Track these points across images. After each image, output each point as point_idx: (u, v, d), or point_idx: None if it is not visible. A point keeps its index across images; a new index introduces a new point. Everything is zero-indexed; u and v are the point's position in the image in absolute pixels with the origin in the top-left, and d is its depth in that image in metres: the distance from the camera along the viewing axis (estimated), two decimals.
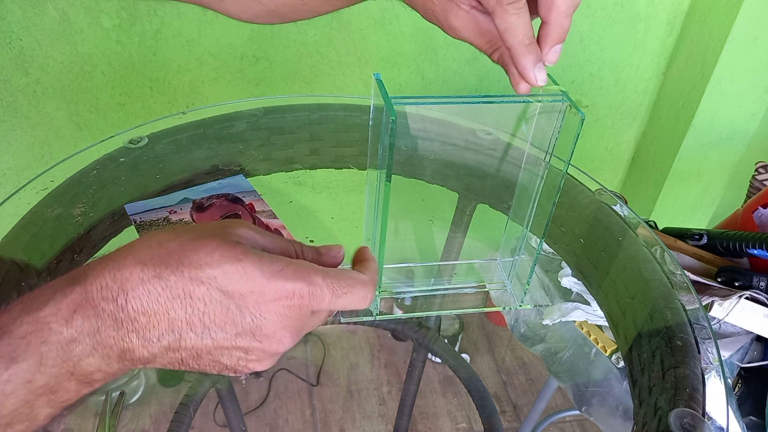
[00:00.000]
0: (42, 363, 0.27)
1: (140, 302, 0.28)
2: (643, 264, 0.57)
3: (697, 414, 0.42)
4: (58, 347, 0.27)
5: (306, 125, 0.74)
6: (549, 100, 0.44)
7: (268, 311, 0.30)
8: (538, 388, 1.49)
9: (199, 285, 0.29)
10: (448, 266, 0.67)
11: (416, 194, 0.69)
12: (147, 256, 0.29)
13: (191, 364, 0.31)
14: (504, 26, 0.37)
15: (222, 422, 1.33)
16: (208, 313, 0.29)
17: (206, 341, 0.30)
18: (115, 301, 0.28)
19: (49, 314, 0.28)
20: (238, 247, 0.31)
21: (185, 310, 0.29)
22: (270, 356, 0.32)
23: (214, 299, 0.29)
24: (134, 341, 0.29)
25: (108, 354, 0.29)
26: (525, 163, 0.53)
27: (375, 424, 1.38)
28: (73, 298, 0.28)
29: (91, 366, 0.28)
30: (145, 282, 0.29)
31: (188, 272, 0.29)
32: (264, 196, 0.64)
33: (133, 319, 0.28)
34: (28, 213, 0.56)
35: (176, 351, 0.30)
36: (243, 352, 0.31)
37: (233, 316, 0.30)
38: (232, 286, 0.30)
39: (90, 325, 0.28)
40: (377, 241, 0.48)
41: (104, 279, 0.29)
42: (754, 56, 1.10)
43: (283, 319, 0.31)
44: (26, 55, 0.93)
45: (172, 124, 0.70)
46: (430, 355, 1.42)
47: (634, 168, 1.41)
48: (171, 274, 0.29)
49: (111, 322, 0.28)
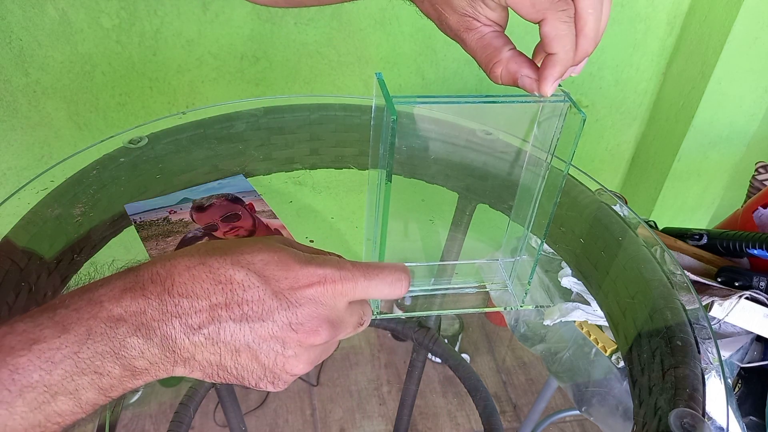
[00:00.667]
0: (89, 337, 0.28)
1: (185, 287, 0.30)
2: (643, 264, 0.57)
3: (697, 414, 0.42)
4: (105, 323, 0.29)
5: (306, 125, 0.74)
6: (550, 101, 0.44)
7: (302, 296, 0.32)
8: (538, 388, 1.49)
9: (240, 269, 0.31)
10: (448, 266, 0.67)
11: (416, 194, 0.69)
12: (195, 250, 0.33)
13: (229, 364, 0.31)
14: (554, 33, 0.37)
15: (222, 422, 1.33)
16: (246, 300, 0.31)
17: (245, 330, 0.31)
18: (162, 284, 0.30)
19: (102, 294, 0.30)
20: (276, 243, 0.34)
21: (225, 295, 0.31)
22: (307, 350, 0.32)
23: (253, 284, 0.31)
24: (176, 326, 0.30)
25: (150, 336, 0.29)
26: (526, 163, 0.53)
27: (375, 424, 1.38)
28: (125, 281, 0.31)
29: (133, 348, 0.29)
30: (190, 268, 0.31)
31: (230, 258, 0.32)
32: (264, 196, 0.64)
33: (177, 303, 0.30)
34: (28, 213, 0.56)
35: (215, 343, 0.31)
36: (280, 344, 0.31)
37: (270, 303, 0.31)
38: (269, 272, 0.32)
39: (137, 305, 0.30)
40: (377, 241, 0.48)
41: (155, 267, 0.31)
42: (754, 56, 1.10)
43: (317, 306, 0.32)
44: (26, 55, 0.93)
45: (172, 124, 0.70)
46: (430, 355, 1.42)
47: (634, 168, 1.41)
48: (215, 261, 0.31)
49: (157, 304, 0.30)
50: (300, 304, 0.32)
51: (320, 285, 0.32)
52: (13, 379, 0.27)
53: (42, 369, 0.27)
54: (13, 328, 0.28)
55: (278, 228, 0.60)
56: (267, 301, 0.31)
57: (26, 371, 0.27)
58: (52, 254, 0.54)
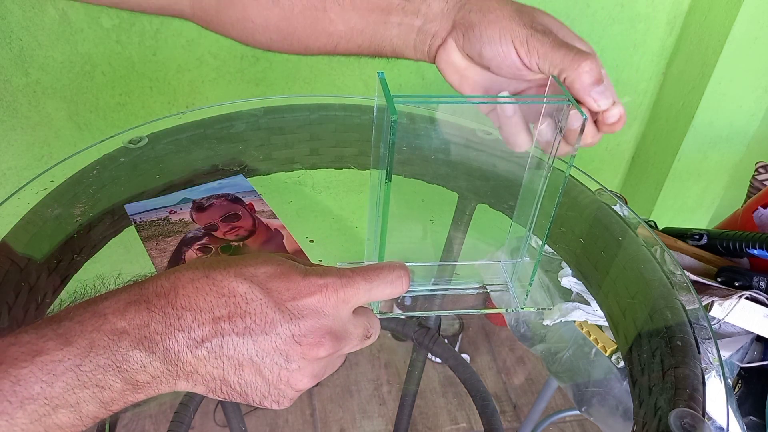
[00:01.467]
0: (91, 350, 0.28)
1: (188, 300, 0.30)
2: (643, 264, 0.57)
3: (697, 414, 0.42)
4: (108, 336, 0.29)
5: (306, 125, 0.74)
6: (552, 102, 0.44)
7: (304, 307, 0.32)
8: (538, 388, 1.49)
9: (243, 282, 0.31)
10: (448, 266, 0.67)
11: (416, 194, 0.69)
12: (199, 263, 0.33)
13: (232, 379, 0.31)
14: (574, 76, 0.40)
15: (222, 422, 1.33)
16: (249, 312, 0.31)
17: (248, 344, 0.31)
18: (166, 296, 0.30)
19: (107, 306, 0.30)
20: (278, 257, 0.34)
21: (228, 308, 0.31)
22: (310, 363, 0.32)
23: (256, 297, 0.31)
24: (179, 340, 0.30)
25: (152, 350, 0.29)
26: (528, 164, 0.53)
27: (375, 424, 1.38)
28: (130, 294, 0.31)
29: (136, 362, 0.29)
30: (194, 281, 0.31)
31: (233, 270, 0.32)
32: (264, 196, 0.64)
33: (180, 316, 0.30)
34: (28, 213, 0.56)
35: (218, 357, 0.30)
36: (283, 358, 0.31)
37: (272, 315, 0.31)
38: (271, 284, 0.32)
39: (141, 318, 0.30)
40: (377, 240, 0.48)
41: (160, 280, 0.31)
42: (754, 56, 1.10)
43: (320, 316, 0.32)
44: (26, 55, 0.93)
45: (172, 124, 0.70)
46: (430, 355, 1.42)
47: (634, 168, 1.41)
48: (218, 273, 0.31)
49: (160, 317, 0.30)
50: (303, 316, 0.31)
51: (322, 293, 0.32)
52: (14, 390, 0.26)
53: (43, 381, 0.27)
54: (18, 338, 0.28)
55: (278, 228, 0.60)
56: (269, 314, 0.31)
57: (28, 383, 0.27)
58: (52, 254, 0.54)
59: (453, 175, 0.72)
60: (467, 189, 0.73)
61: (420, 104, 0.59)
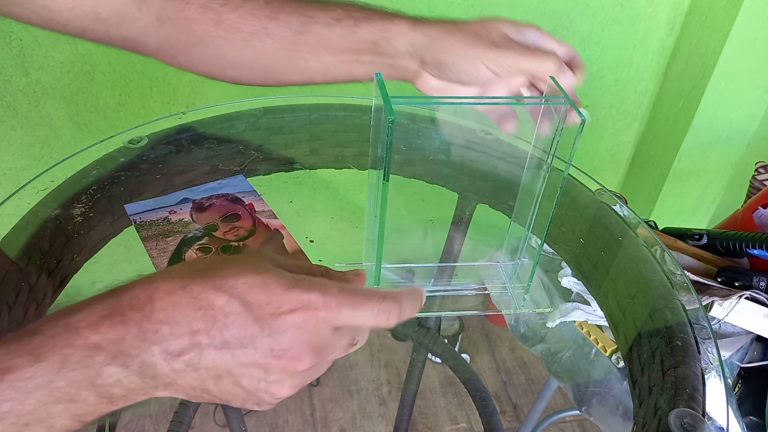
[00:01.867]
0: (64, 365, 0.27)
1: (164, 313, 0.29)
2: (643, 264, 0.57)
3: (697, 414, 0.42)
4: (82, 351, 0.28)
5: (306, 125, 0.74)
6: (552, 102, 0.44)
7: (284, 323, 0.30)
8: (538, 388, 1.49)
9: (221, 295, 0.30)
10: (448, 266, 0.67)
11: (416, 194, 0.69)
12: (176, 270, 0.31)
13: (212, 388, 0.31)
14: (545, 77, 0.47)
15: (222, 422, 1.33)
16: (228, 326, 0.30)
17: (225, 357, 0.30)
18: (142, 310, 0.29)
19: (80, 319, 0.29)
20: (263, 264, 0.32)
21: (206, 322, 0.30)
22: (290, 376, 0.31)
23: (234, 311, 0.30)
24: (156, 354, 0.29)
25: (128, 365, 0.29)
26: (527, 164, 0.53)
27: (375, 424, 1.38)
28: (104, 306, 0.29)
29: (110, 377, 0.28)
30: (171, 293, 0.30)
31: (212, 282, 0.30)
32: (264, 196, 0.64)
33: (156, 330, 0.29)
34: (28, 213, 0.56)
35: (196, 369, 0.30)
36: (262, 370, 0.31)
37: (251, 329, 0.30)
38: (251, 297, 0.30)
39: (116, 332, 0.29)
40: (375, 240, 0.48)
41: (135, 291, 0.30)
42: (754, 56, 1.10)
43: (300, 333, 0.31)
44: (26, 55, 0.93)
45: (172, 124, 0.70)
46: (430, 355, 1.42)
47: (634, 168, 1.41)
48: (196, 285, 0.30)
49: (136, 331, 0.29)
50: (282, 331, 0.30)
51: (303, 311, 0.31)
52: None
53: (14, 399, 0.26)
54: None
55: (278, 228, 0.60)
56: (249, 328, 0.30)
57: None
58: (52, 254, 0.54)
59: (453, 175, 0.72)
60: (467, 189, 0.73)
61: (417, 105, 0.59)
